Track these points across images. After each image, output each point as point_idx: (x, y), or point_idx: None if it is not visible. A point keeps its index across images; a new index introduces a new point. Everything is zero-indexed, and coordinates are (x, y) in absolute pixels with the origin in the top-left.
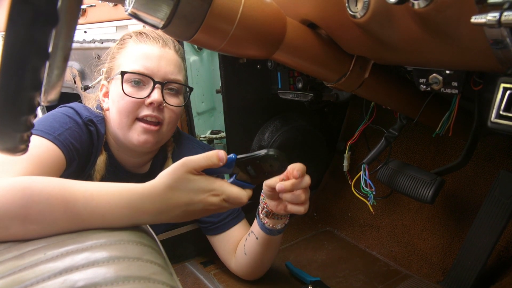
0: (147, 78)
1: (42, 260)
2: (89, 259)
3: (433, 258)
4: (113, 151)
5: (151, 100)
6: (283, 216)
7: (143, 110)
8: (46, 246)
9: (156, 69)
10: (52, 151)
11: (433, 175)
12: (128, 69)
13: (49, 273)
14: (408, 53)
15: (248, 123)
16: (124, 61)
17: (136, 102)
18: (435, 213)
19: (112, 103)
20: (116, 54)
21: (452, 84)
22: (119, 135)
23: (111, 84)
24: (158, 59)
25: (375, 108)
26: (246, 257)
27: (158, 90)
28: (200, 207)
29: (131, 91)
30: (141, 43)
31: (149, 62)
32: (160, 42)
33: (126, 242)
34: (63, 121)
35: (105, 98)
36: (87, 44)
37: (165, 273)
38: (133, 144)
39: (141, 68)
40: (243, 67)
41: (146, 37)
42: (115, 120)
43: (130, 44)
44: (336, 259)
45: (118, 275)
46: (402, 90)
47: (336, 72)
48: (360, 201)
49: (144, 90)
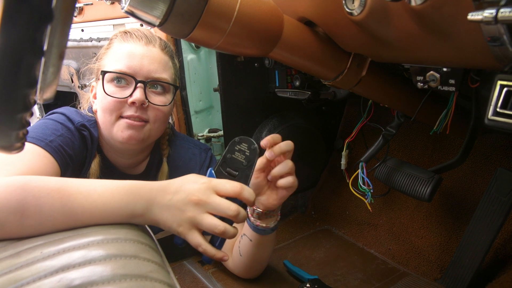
0: (130, 77)
1: (39, 258)
2: (86, 257)
3: (430, 256)
4: (106, 152)
5: (133, 99)
6: (274, 213)
7: (126, 109)
8: (42, 244)
9: (138, 68)
10: (45, 157)
11: (431, 173)
12: (112, 68)
13: (45, 272)
14: (405, 51)
15: (246, 122)
16: (108, 61)
17: (118, 102)
18: (433, 211)
19: (98, 103)
20: (103, 55)
21: (449, 82)
22: (105, 134)
23: (98, 84)
24: (141, 58)
25: (372, 106)
26: (242, 258)
27: (140, 89)
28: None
29: (113, 90)
30: (125, 42)
31: (132, 61)
32: (143, 40)
33: (123, 240)
34: (55, 128)
35: (94, 99)
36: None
37: (162, 271)
38: (118, 141)
39: (124, 67)
40: (241, 66)
41: (130, 36)
42: (100, 120)
43: (115, 44)
44: (334, 257)
45: (115, 273)
46: (400, 88)
47: (334, 70)
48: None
49: (127, 89)
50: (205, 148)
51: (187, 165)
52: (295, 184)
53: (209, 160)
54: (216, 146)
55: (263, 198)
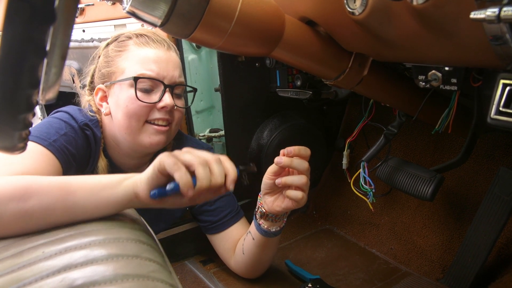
0: (157, 82)
1: (41, 258)
2: (88, 257)
3: (433, 255)
4: (112, 154)
5: (164, 104)
6: (279, 219)
7: (154, 113)
8: (44, 244)
9: (165, 73)
10: (47, 157)
11: (433, 172)
12: (136, 73)
13: (47, 271)
14: (407, 50)
15: (247, 121)
16: (128, 65)
17: (147, 107)
18: (435, 211)
19: (117, 108)
20: (116, 58)
21: (452, 81)
22: (126, 138)
23: (113, 88)
24: (166, 63)
25: (374, 106)
26: (244, 256)
27: (169, 94)
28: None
29: (141, 95)
30: (145, 47)
31: (158, 67)
32: (165, 45)
33: (125, 240)
34: (59, 127)
35: (102, 103)
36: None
37: (164, 271)
38: (145, 147)
39: (152, 73)
40: (242, 66)
41: (149, 39)
42: (122, 125)
43: (132, 47)
44: (335, 257)
45: (117, 273)
46: (401, 87)
47: (335, 69)
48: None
49: (154, 94)
50: (207, 148)
51: None
52: (303, 201)
53: None
54: (218, 146)
55: (269, 199)
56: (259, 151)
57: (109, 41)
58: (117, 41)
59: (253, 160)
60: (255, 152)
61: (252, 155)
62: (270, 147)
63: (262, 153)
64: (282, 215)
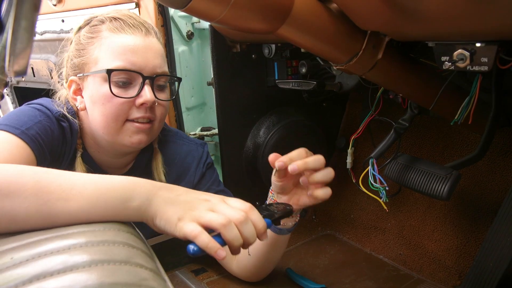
0: (135, 74)
1: (9, 265)
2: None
3: (447, 261)
4: (90, 151)
5: (143, 100)
6: (294, 214)
7: (134, 111)
8: (13, 248)
9: (144, 64)
10: (20, 147)
11: (448, 169)
12: (111, 65)
13: (15, 281)
14: (438, 22)
15: (242, 118)
16: (102, 55)
17: (125, 103)
18: (447, 212)
19: (93, 104)
20: (88, 45)
21: (481, 60)
22: (105, 138)
23: (87, 81)
24: (145, 52)
25: (381, 99)
26: (251, 258)
27: (148, 87)
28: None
29: (117, 91)
30: (120, 33)
31: (135, 56)
32: (143, 30)
33: (111, 244)
34: (32, 115)
35: (77, 96)
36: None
37: (158, 279)
38: (125, 146)
39: (127, 64)
40: (237, 57)
41: (124, 24)
42: (99, 124)
43: (105, 33)
44: (339, 264)
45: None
46: (417, 74)
47: (347, 52)
48: (363, 202)
49: (131, 88)
50: (201, 143)
51: (183, 161)
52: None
53: (206, 155)
54: (210, 145)
55: (283, 198)
56: (255, 150)
57: (81, 25)
58: (89, 25)
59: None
60: (251, 151)
61: (248, 154)
62: (267, 146)
63: (259, 152)
64: (297, 210)
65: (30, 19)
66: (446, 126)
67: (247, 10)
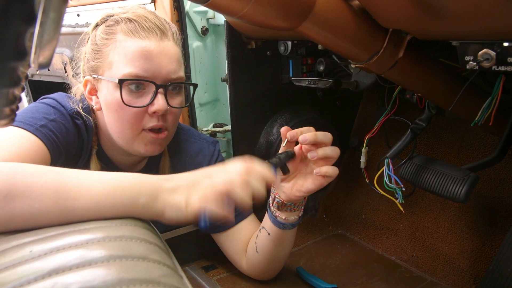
0: (149, 82)
1: (27, 258)
2: (85, 258)
3: (461, 264)
4: (105, 149)
5: (155, 109)
6: (297, 207)
7: (148, 120)
8: (32, 242)
9: (157, 71)
10: (35, 143)
11: (466, 170)
12: (123, 71)
13: (35, 275)
14: (466, 19)
15: (256, 115)
16: (115, 59)
17: (138, 112)
18: (461, 215)
19: (107, 108)
20: (103, 47)
21: (508, 60)
22: (119, 142)
23: (101, 84)
24: (158, 58)
25: (397, 99)
26: (259, 255)
27: (161, 96)
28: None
29: (129, 99)
30: (134, 37)
31: (149, 63)
32: (158, 33)
33: (128, 239)
34: (47, 112)
35: (92, 96)
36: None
37: (175, 276)
38: (140, 153)
39: (140, 71)
40: (252, 54)
41: (139, 26)
42: (114, 129)
43: (119, 36)
44: (351, 264)
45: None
46: (436, 74)
47: (368, 50)
48: (375, 202)
49: (145, 95)
50: (212, 141)
51: (194, 160)
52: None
53: (217, 154)
54: (222, 142)
55: (286, 185)
56: (268, 148)
57: (98, 22)
58: (105, 24)
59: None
60: (263, 148)
61: (261, 151)
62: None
63: (271, 150)
64: (300, 202)
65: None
66: (462, 127)
67: (269, 6)
